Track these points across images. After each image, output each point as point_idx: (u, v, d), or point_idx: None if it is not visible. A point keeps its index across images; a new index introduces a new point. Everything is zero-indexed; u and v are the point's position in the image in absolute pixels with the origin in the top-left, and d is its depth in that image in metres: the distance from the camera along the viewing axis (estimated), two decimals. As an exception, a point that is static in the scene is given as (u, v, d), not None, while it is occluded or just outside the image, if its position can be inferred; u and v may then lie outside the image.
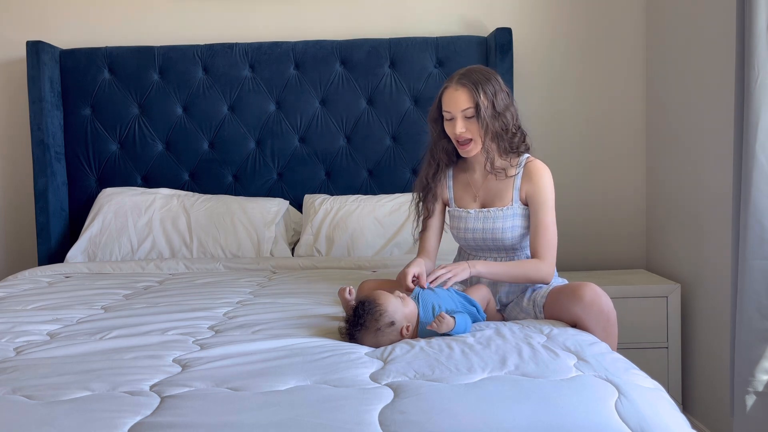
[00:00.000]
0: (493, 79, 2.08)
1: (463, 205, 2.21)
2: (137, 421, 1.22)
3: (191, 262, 2.86)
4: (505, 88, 2.11)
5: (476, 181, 2.20)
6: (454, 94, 2.06)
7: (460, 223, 2.19)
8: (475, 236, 2.16)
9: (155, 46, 3.28)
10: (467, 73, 2.08)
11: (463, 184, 2.22)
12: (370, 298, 1.78)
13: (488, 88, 2.04)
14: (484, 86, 2.04)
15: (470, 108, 2.04)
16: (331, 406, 1.27)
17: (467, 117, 2.06)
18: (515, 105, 2.14)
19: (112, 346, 1.69)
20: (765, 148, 2.15)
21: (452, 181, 2.24)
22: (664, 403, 1.34)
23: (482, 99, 2.03)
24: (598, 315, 1.89)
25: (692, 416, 2.87)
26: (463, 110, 2.05)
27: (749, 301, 2.21)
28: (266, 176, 3.31)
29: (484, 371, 1.46)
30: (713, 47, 2.64)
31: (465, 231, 2.18)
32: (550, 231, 2.08)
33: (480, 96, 2.03)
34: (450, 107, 2.07)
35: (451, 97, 2.07)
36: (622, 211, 3.39)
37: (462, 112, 2.05)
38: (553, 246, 2.08)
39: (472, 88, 2.03)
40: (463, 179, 2.22)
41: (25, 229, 3.41)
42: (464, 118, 2.06)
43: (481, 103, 2.03)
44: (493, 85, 2.06)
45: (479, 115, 2.03)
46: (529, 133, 2.21)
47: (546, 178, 2.11)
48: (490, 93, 2.04)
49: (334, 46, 3.26)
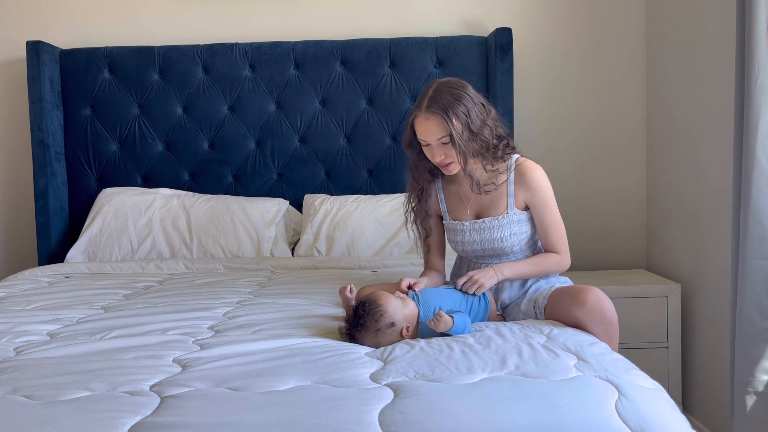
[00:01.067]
0: (464, 96, 1.97)
1: (456, 217, 2.16)
2: (137, 421, 1.22)
3: (191, 262, 2.86)
4: (479, 99, 2.01)
5: (466, 192, 2.14)
6: (425, 124, 1.97)
7: (456, 236, 2.16)
8: (473, 247, 2.13)
9: (155, 46, 3.28)
10: (435, 97, 1.96)
11: (454, 195, 2.18)
12: (371, 299, 1.77)
13: (460, 110, 1.94)
14: (455, 109, 1.94)
15: (444, 136, 1.96)
16: (331, 406, 1.27)
17: (444, 143, 1.98)
18: (493, 110, 2.07)
19: (112, 346, 1.69)
20: (765, 148, 2.15)
21: (443, 194, 2.19)
22: (664, 403, 1.34)
23: (455, 125, 1.94)
24: (600, 319, 1.88)
25: (692, 416, 2.87)
26: (437, 139, 1.97)
27: (749, 301, 2.21)
28: (266, 176, 3.31)
29: (484, 371, 1.45)
30: (713, 47, 2.64)
31: (462, 243, 2.15)
32: (560, 227, 2.11)
33: (452, 122, 1.93)
34: (423, 136, 2.00)
35: (423, 127, 1.98)
36: (622, 211, 3.39)
37: (437, 140, 1.97)
38: (565, 239, 2.13)
39: (443, 116, 1.93)
40: (453, 190, 2.18)
41: (25, 229, 3.41)
42: (441, 144, 1.98)
43: (455, 130, 1.94)
44: (465, 104, 1.95)
45: (454, 142, 1.96)
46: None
47: (539, 177, 2.09)
48: (462, 115, 1.94)
49: (334, 46, 3.26)
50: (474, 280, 1.97)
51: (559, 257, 2.10)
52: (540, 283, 2.11)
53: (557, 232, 2.11)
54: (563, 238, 2.12)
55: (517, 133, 3.21)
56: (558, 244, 2.10)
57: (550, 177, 2.14)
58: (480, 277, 1.98)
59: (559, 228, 2.11)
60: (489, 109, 2.05)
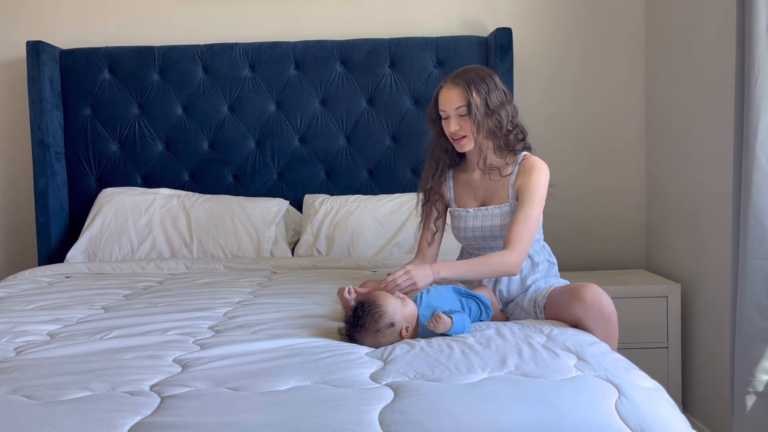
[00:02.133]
0: (488, 78, 2.11)
1: (462, 205, 2.22)
2: (137, 421, 1.22)
3: (191, 262, 2.86)
4: (502, 87, 2.13)
5: (475, 181, 2.21)
6: (447, 93, 2.10)
7: (459, 223, 2.21)
8: (475, 234, 2.17)
9: (155, 46, 3.28)
10: (462, 73, 2.12)
11: (463, 185, 2.24)
12: (370, 299, 1.77)
13: (481, 87, 2.08)
14: (477, 84, 2.08)
15: (463, 106, 2.08)
16: (331, 406, 1.27)
17: (461, 115, 2.09)
18: (514, 104, 2.16)
19: (112, 346, 1.69)
20: (765, 148, 2.15)
21: (453, 182, 2.26)
22: (664, 403, 1.34)
23: (474, 97, 2.06)
24: (599, 316, 1.89)
25: (692, 416, 2.87)
26: (456, 108, 2.09)
27: (749, 301, 2.21)
28: (266, 176, 3.31)
29: (484, 371, 1.45)
30: (713, 47, 2.64)
31: (465, 230, 2.20)
32: (531, 224, 2.05)
33: (472, 94, 2.06)
34: (444, 106, 2.11)
35: (445, 96, 2.11)
36: (622, 210, 3.39)
37: (455, 110, 2.09)
38: (529, 239, 2.04)
39: (465, 87, 2.07)
40: (463, 180, 2.24)
41: (25, 229, 3.41)
42: (458, 116, 2.09)
43: (473, 100, 2.06)
44: (487, 83, 2.09)
45: (471, 113, 2.06)
46: (530, 132, 2.22)
47: (538, 172, 2.10)
48: (483, 91, 2.07)
49: (334, 46, 3.26)
50: (410, 276, 1.92)
51: (509, 255, 2.01)
52: (539, 283, 2.13)
53: (524, 228, 2.03)
54: (527, 236, 2.04)
55: (517, 133, 3.21)
56: (518, 239, 2.02)
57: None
58: (415, 275, 1.93)
59: (529, 225, 2.04)
60: (510, 100, 2.15)
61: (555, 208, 3.26)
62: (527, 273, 2.13)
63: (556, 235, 3.20)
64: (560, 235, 3.28)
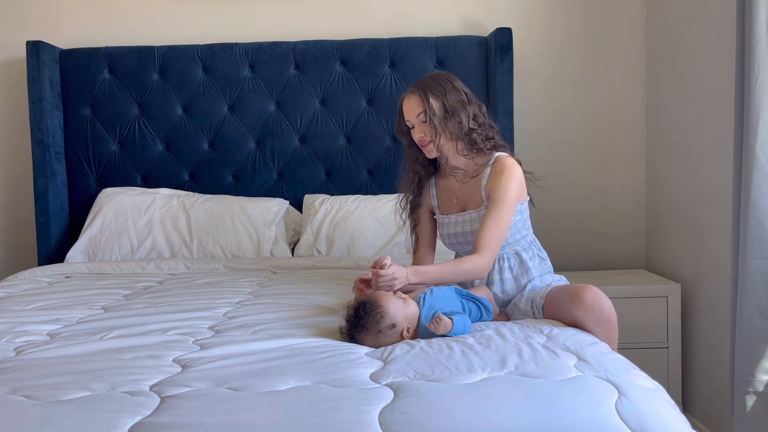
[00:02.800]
0: (445, 81, 2.13)
1: (445, 212, 2.24)
2: (137, 421, 1.22)
3: (191, 262, 2.86)
4: (462, 89, 2.15)
5: (453, 186, 2.22)
6: (408, 103, 2.14)
7: (443, 230, 2.23)
8: (458, 240, 2.18)
9: (155, 46, 3.28)
10: (419, 81, 2.16)
11: (444, 191, 2.25)
12: (372, 299, 1.77)
13: (437, 90, 2.10)
14: (433, 89, 2.10)
15: (421, 113, 2.11)
16: (331, 406, 1.27)
17: (422, 122, 2.12)
18: (479, 104, 2.16)
19: (112, 346, 1.69)
20: (765, 148, 2.15)
21: (435, 189, 2.27)
22: (664, 403, 1.34)
23: (431, 101, 2.09)
24: (599, 318, 1.88)
25: (692, 416, 2.87)
26: (416, 116, 2.12)
27: (749, 301, 2.21)
28: (266, 176, 3.31)
29: (484, 371, 1.45)
30: (713, 47, 2.64)
31: (449, 236, 2.21)
32: (501, 227, 2.03)
33: (429, 99, 2.09)
34: (407, 116, 2.15)
35: (406, 107, 2.15)
36: (622, 210, 3.39)
37: (416, 117, 2.12)
38: (498, 242, 2.04)
39: (420, 93, 2.10)
40: (444, 186, 2.25)
41: (25, 229, 3.41)
42: (420, 123, 2.12)
43: (429, 106, 2.09)
44: (443, 86, 2.11)
45: (428, 118, 2.09)
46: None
47: (508, 174, 2.08)
48: (439, 94, 2.10)
49: (334, 46, 3.26)
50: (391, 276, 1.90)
51: (478, 259, 2.00)
52: (535, 282, 2.12)
53: (494, 232, 2.02)
54: (497, 240, 2.03)
55: (517, 132, 3.21)
56: (487, 243, 2.01)
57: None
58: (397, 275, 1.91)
59: (498, 228, 2.03)
60: (472, 100, 2.16)
61: (555, 207, 3.28)
62: (518, 272, 2.13)
63: (556, 235, 3.21)
64: (560, 235, 3.29)
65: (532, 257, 2.15)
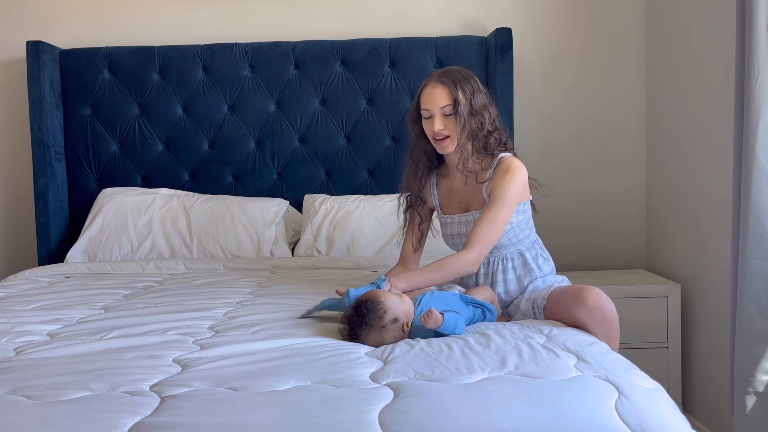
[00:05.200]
0: (472, 79, 2.10)
1: (448, 212, 2.21)
2: (137, 421, 1.22)
3: (191, 262, 2.86)
4: (484, 89, 2.12)
5: (457, 186, 2.19)
6: (432, 91, 2.07)
7: (445, 230, 2.21)
8: (461, 241, 2.15)
9: (155, 46, 3.28)
10: (446, 72, 2.10)
11: (446, 190, 2.22)
12: (371, 297, 1.77)
13: (467, 87, 2.07)
14: (463, 84, 2.07)
15: (449, 105, 2.06)
16: (331, 406, 1.27)
17: (445, 114, 2.07)
18: (495, 108, 2.15)
19: (112, 346, 1.69)
20: (765, 148, 2.15)
21: (436, 188, 2.25)
22: (664, 403, 1.34)
23: (460, 96, 2.05)
24: (601, 320, 1.88)
25: (692, 416, 2.87)
26: (441, 107, 2.06)
27: (749, 301, 2.21)
28: (266, 176, 3.31)
29: (484, 371, 1.45)
30: (713, 47, 2.64)
31: (452, 237, 2.19)
32: (497, 226, 2.02)
33: (458, 93, 2.05)
34: (428, 105, 2.08)
35: (430, 95, 2.08)
36: (622, 210, 3.39)
37: (440, 109, 2.07)
38: (491, 240, 2.02)
39: (451, 86, 2.06)
40: (446, 185, 2.23)
41: (25, 229, 3.41)
42: (442, 115, 2.07)
43: (460, 99, 2.04)
44: (471, 84, 2.08)
45: (457, 112, 2.04)
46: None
47: (512, 174, 2.06)
48: (468, 91, 2.06)
49: (334, 46, 3.26)
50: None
51: (467, 254, 1.99)
52: (537, 283, 2.12)
53: (489, 229, 2.00)
54: (489, 238, 2.01)
55: (517, 132, 3.21)
56: (480, 240, 2.00)
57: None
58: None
59: (494, 225, 2.01)
60: (492, 102, 2.13)
61: (555, 208, 3.28)
62: (521, 272, 2.13)
63: (556, 235, 3.21)
64: (560, 235, 3.28)
65: (535, 257, 2.15)
